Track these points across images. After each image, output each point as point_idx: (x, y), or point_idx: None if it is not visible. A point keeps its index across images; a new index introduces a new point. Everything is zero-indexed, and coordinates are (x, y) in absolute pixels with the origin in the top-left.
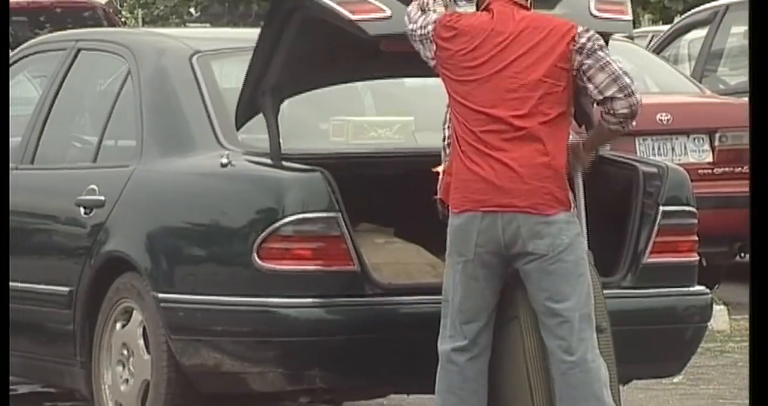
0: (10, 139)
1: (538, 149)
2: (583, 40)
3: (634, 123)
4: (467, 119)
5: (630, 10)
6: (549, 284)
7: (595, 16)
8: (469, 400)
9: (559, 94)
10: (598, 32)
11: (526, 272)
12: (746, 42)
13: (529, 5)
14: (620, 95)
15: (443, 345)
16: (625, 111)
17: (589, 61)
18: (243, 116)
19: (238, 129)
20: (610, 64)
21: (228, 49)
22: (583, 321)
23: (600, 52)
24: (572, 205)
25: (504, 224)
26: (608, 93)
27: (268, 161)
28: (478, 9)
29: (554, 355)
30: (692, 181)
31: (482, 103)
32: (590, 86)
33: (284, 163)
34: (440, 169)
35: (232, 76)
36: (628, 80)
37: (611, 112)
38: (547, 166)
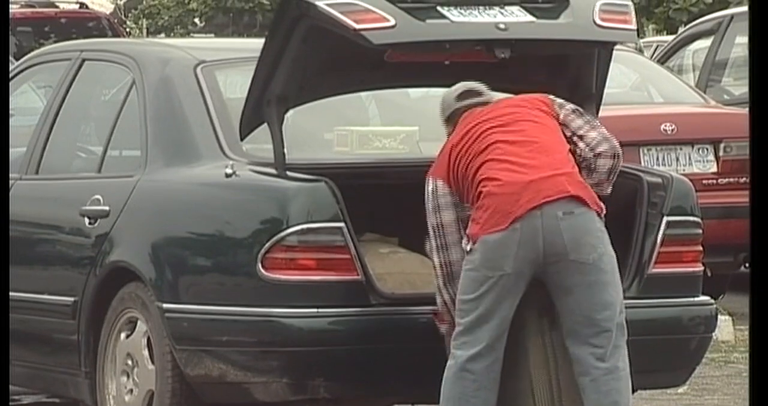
0: (15, 150)
1: None
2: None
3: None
4: None
5: (634, 20)
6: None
7: (600, 26)
8: None
9: None
10: (603, 42)
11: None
12: None
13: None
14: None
15: (458, 351)
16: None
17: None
18: (247, 126)
19: (242, 139)
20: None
21: (232, 60)
22: (618, 329)
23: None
24: None
25: None
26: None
27: (273, 171)
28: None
29: (585, 362)
30: (697, 191)
31: None
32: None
33: (289, 173)
34: None
35: (236, 86)
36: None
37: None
38: None
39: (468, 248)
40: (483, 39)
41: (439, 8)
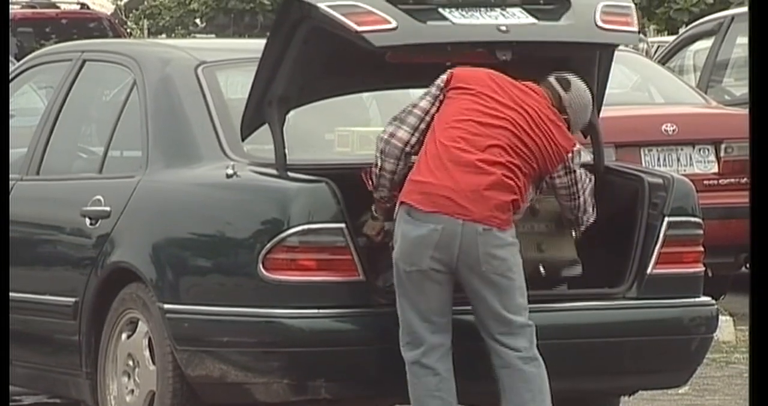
0: (16, 150)
1: None
2: None
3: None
4: None
5: (636, 22)
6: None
7: (601, 28)
8: (450, 399)
9: None
10: (605, 44)
11: None
12: None
13: None
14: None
15: (407, 353)
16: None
17: None
18: (248, 127)
19: (243, 140)
20: None
21: (233, 60)
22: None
23: None
24: None
25: None
26: None
27: (274, 172)
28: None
29: (503, 354)
30: (698, 191)
31: None
32: None
33: (290, 173)
34: None
35: (237, 86)
36: None
37: None
38: None
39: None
40: (484, 41)
41: (440, 10)
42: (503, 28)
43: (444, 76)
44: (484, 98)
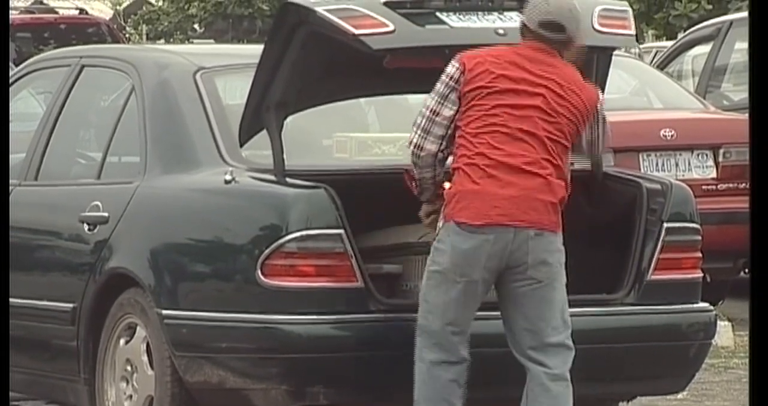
0: (15, 155)
1: None
2: None
3: None
4: None
5: (633, 25)
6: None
7: (598, 31)
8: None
9: None
10: (602, 47)
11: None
12: None
13: None
14: None
15: (430, 355)
16: None
17: None
18: (247, 132)
19: (241, 145)
20: None
21: (232, 66)
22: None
23: None
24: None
25: None
26: None
27: (272, 178)
28: None
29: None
30: (696, 197)
31: None
32: None
33: (288, 179)
34: None
35: (235, 92)
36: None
37: None
38: None
39: (441, 225)
40: (482, 44)
41: (438, 14)
42: (501, 31)
43: (454, 73)
44: (507, 94)
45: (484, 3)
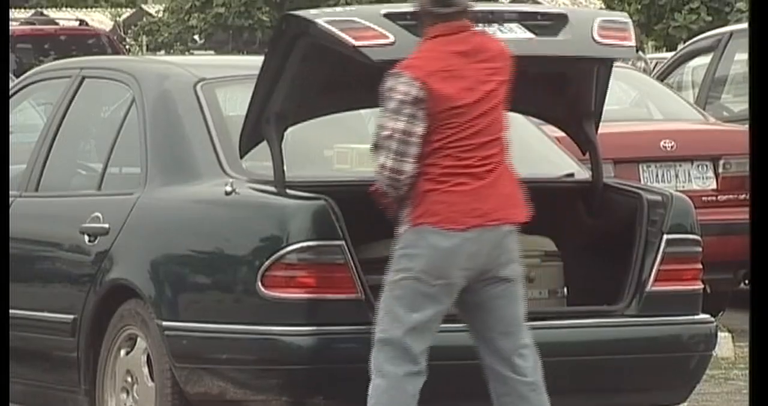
0: (16, 167)
1: None
2: None
3: None
4: None
5: (633, 36)
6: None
7: (598, 42)
8: None
9: None
10: (602, 58)
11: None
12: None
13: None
14: None
15: (391, 367)
16: None
17: None
18: (247, 144)
19: (242, 157)
20: None
21: (232, 77)
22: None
23: None
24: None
25: None
26: None
27: (272, 189)
28: None
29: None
30: (696, 208)
31: None
32: None
33: (288, 191)
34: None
35: (236, 103)
36: None
37: None
38: None
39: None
40: None
41: None
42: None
43: (415, 93)
44: (467, 107)
45: (484, 14)
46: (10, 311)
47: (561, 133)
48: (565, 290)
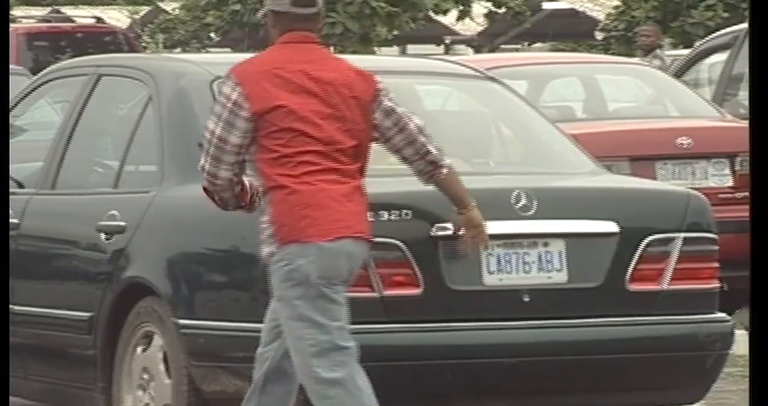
0: (32, 164)
1: None
2: None
3: None
4: None
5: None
6: None
7: None
8: None
9: None
10: None
11: None
12: None
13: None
14: None
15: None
16: None
17: None
18: None
19: None
20: None
21: None
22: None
23: None
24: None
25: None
26: None
27: None
28: None
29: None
30: (713, 205)
31: None
32: None
33: None
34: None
35: None
36: None
37: None
38: None
39: (273, 250)
40: None
41: None
42: None
43: (238, 100)
44: (304, 121)
45: None
46: (27, 308)
47: (578, 131)
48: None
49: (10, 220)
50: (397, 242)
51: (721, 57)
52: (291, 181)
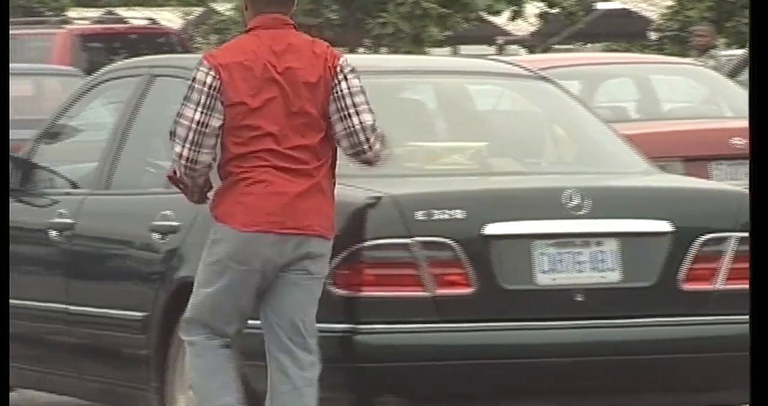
0: (87, 165)
1: None
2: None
3: None
4: None
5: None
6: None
7: None
8: (235, 381)
9: None
10: None
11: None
12: None
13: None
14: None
15: (197, 336)
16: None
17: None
18: None
19: None
20: None
21: None
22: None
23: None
24: None
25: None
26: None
27: (347, 185)
28: None
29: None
30: None
31: None
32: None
33: (355, 189)
34: None
35: None
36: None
37: None
38: None
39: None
40: None
41: None
42: None
43: (214, 85)
44: (270, 111)
45: None
46: (82, 308)
47: (631, 131)
48: None
49: (66, 220)
50: (450, 241)
51: None
52: (246, 174)
